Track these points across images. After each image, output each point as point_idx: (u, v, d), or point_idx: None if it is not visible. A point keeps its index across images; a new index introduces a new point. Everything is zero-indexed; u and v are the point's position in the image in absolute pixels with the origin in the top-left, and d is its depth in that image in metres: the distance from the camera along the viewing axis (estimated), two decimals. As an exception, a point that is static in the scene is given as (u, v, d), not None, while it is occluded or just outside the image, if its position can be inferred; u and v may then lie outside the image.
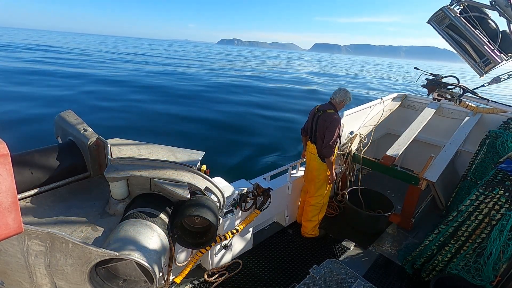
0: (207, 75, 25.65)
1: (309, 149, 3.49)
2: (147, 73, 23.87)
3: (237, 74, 27.94)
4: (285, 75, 31.65)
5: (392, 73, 53.01)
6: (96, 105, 12.26)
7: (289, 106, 15.07)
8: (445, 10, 3.05)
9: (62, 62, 27.41)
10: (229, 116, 11.99)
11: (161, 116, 11.46)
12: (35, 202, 1.39)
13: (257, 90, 18.97)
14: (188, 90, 17.38)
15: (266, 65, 47.75)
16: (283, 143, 9.39)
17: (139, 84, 18.37)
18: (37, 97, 12.79)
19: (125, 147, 1.58)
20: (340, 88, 3.38)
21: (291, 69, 42.38)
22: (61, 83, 16.48)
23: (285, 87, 21.51)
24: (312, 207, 3.60)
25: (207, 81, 21.76)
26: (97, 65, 27.80)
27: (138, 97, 14.44)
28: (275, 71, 36.49)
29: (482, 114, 4.71)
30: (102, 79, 19.07)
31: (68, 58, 32.21)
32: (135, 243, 1.16)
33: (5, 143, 0.84)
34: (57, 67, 23.07)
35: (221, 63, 44.30)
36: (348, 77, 37.13)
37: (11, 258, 1.16)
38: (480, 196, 2.80)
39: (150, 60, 38.59)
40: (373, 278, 3.20)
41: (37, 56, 31.00)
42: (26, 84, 15.41)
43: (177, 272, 2.74)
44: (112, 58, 37.26)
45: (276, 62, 60.44)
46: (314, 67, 53.15)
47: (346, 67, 61.94)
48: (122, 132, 9.11)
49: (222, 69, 33.62)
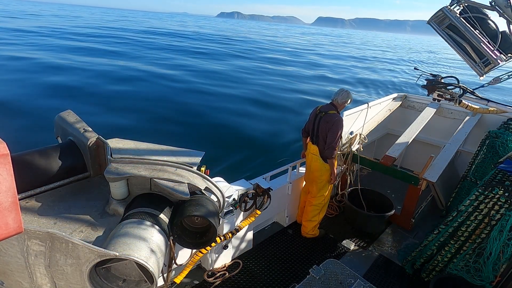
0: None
1: (311, 150, 3.50)
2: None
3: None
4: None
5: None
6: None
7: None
8: (445, 11, 3.05)
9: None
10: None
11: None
12: (35, 202, 1.39)
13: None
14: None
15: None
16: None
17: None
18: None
19: (125, 146, 1.58)
20: (342, 89, 3.40)
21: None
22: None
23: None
24: (313, 207, 3.60)
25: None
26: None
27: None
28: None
29: (482, 114, 4.71)
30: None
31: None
32: (135, 243, 1.16)
33: (5, 143, 0.84)
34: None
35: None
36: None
37: (11, 258, 1.17)
38: (480, 196, 2.80)
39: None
40: (373, 278, 3.20)
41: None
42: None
43: (177, 272, 2.74)
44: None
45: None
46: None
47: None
48: (122, 132, 9.10)
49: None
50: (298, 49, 39.17)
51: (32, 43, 22.76)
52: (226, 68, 20.18)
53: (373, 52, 48.39)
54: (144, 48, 26.81)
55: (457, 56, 3.23)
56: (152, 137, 8.96)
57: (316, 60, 29.61)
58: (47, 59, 17.02)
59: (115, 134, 1.87)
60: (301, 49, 40.46)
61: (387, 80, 21.44)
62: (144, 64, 18.56)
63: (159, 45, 29.69)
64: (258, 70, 20.19)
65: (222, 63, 22.31)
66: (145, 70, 16.90)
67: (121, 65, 17.60)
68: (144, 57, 21.65)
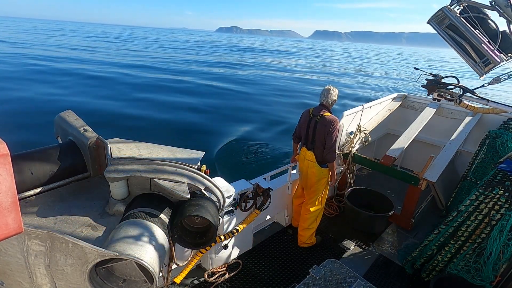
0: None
1: (306, 156, 3.33)
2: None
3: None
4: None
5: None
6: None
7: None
8: (445, 10, 3.05)
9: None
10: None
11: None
12: (35, 202, 1.39)
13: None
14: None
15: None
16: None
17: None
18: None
19: (125, 147, 1.58)
20: (326, 89, 3.24)
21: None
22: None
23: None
24: (310, 214, 3.46)
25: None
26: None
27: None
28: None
29: (482, 114, 4.71)
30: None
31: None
32: (135, 243, 1.16)
33: (5, 143, 0.84)
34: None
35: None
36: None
37: (11, 258, 1.17)
38: (480, 196, 2.80)
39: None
40: (373, 278, 3.20)
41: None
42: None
43: (177, 272, 2.74)
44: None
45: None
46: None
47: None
48: (122, 131, 9.12)
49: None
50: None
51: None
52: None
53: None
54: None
55: (458, 56, 3.23)
56: (153, 137, 8.96)
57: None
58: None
59: (115, 133, 1.87)
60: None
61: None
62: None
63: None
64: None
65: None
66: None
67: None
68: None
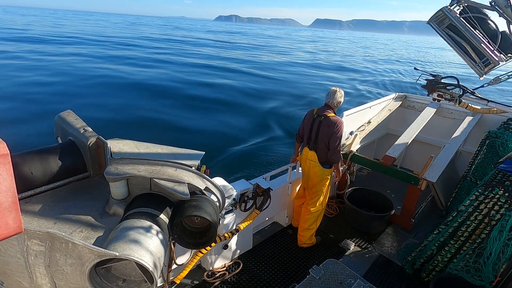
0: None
1: (308, 156, 3.31)
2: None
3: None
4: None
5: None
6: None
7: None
8: (445, 11, 3.05)
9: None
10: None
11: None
12: (35, 202, 1.39)
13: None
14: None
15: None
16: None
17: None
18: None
19: (125, 147, 1.58)
20: (333, 90, 3.26)
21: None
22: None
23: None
24: (311, 215, 3.45)
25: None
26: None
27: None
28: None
29: (482, 114, 4.71)
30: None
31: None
32: (135, 243, 1.16)
33: (5, 143, 0.84)
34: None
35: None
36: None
37: (11, 258, 1.17)
38: (479, 196, 2.80)
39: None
40: (373, 278, 3.20)
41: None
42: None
43: (177, 272, 2.74)
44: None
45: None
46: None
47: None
48: (122, 131, 9.12)
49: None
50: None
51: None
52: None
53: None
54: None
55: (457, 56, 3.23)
56: (152, 137, 8.96)
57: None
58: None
59: (115, 133, 1.87)
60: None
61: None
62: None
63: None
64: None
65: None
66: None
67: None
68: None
